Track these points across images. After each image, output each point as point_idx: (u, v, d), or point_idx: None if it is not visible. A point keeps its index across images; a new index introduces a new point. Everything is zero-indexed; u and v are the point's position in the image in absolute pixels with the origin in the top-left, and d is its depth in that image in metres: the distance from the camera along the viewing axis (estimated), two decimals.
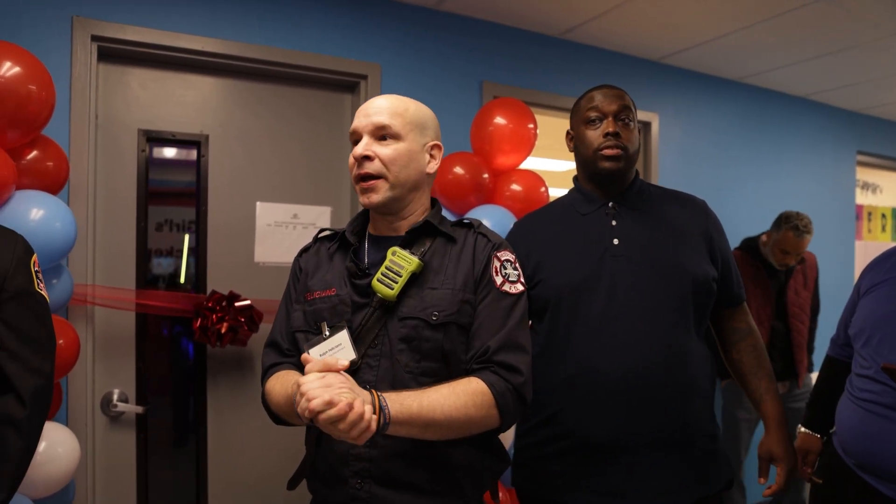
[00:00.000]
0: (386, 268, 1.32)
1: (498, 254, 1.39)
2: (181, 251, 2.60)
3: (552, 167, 4.80)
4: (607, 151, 1.71)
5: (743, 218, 3.83)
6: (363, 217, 1.51)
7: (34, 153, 2.00)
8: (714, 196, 3.53)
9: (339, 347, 1.31)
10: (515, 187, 2.57)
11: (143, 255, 2.51)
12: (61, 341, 1.97)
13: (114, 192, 2.47)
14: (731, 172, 3.86)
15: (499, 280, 1.36)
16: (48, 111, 1.94)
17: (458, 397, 1.24)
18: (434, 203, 1.46)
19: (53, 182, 2.05)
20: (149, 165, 2.54)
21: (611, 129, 1.70)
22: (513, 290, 1.36)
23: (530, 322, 1.78)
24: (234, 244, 2.65)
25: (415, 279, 1.34)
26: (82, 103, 2.31)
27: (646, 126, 3.53)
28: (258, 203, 2.68)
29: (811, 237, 3.22)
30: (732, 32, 3.17)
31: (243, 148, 2.69)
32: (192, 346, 2.60)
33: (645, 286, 1.66)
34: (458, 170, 2.52)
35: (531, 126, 2.59)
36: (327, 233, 1.54)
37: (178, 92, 2.60)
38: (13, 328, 1.33)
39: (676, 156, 3.65)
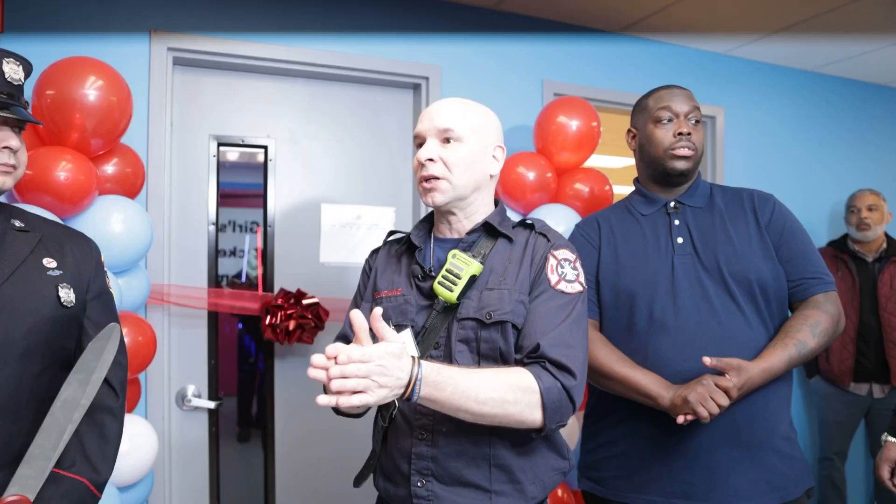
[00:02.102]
0: (447, 270, 1.34)
1: (555, 252, 1.38)
2: (249, 251, 2.67)
3: (613, 164, 4.73)
4: (680, 151, 1.72)
5: (817, 215, 3.68)
6: (429, 220, 1.52)
7: (114, 160, 2.09)
8: (785, 194, 3.40)
9: (402, 346, 1.32)
10: (580, 186, 2.55)
11: (215, 255, 2.59)
12: (140, 338, 2.05)
13: (187, 196, 2.56)
14: (804, 169, 3.71)
15: (554, 279, 1.35)
16: (127, 121, 2.03)
17: (499, 386, 1.22)
18: (497, 204, 1.46)
19: (132, 187, 2.14)
20: (219, 169, 2.61)
21: (684, 130, 1.71)
22: (569, 290, 1.34)
23: (599, 322, 1.78)
24: (301, 245, 2.70)
25: (475, 281, 1.34)
26: (159, 112, 2.41)
27: (710, 121, 3.45)
28: (323, 205, 2.73)
29: (881, 199, 3.19)
30: (801, 21, 3.05)
31: (308, 151, 2.74)
32: (258, 344, 2.67)
33: (713, 284, 1.65)
34: (522, 169, 2.51)
35: (594, 124, 2.56)
36: (397, 235, 1.56)
37: (247, 97, 2.67)
38: (100, 326, 1.42)
39: (743, 152, 3.54)
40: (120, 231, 1.98)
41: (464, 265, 1.33)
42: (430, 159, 1.38)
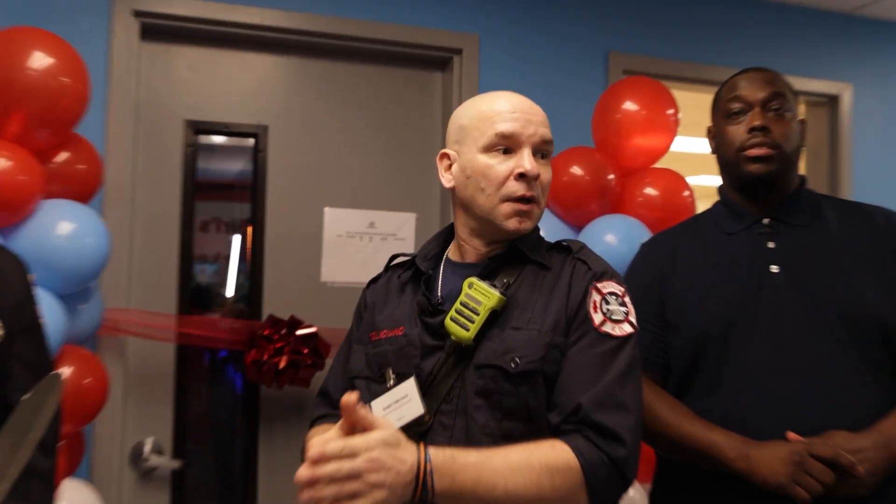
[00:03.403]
0: (461, 303, 1.34)
1: (599, 285, 1.36)
2: (230, 259, 2.70)
3: (700, 149, 4.67)
4: (753, 151, 1.69)
5: None
6: (443, 238, 1.52)
7: (64, 155, 2.10)
8: None
9: (405, 400, 1.33)
10: (650, 191, 2.52)
11: (187, 271, 2.61)
12: (88, 380, 2.05)
13: (155, 198, 2.58)
14: None
15: (598, 318, 1.33)
16: (82, 106, 2.04)
17: (532, 470, 1.21)
18: None
19: (85, 188, 2.16)
20: (196, 163, 2.63)
21: (757, 123, 1.68)
22: (617, 332, 1.33)
23: (662, 377, 1.76)
24: (297, 259, 2.70)
25: (497, 318, 1.34)
26: (121, 92, 2.43)
27: (833, 101, 3.36)
28: (327, 209, 2.72)
29: None
30: None
31: (310, 141, 2.74)
32: (242, 385, 2.66)
33: (815, 326, 1.62)
34: (576, 170, 2.49)
35: (671, 112, 2.52)
36: (401, 259, 1.56)
37: (233, 74, 2.67)
38: (30, 366, 1.43)
39: (878, 138, 3.43)
40: (67, 245, 1.99)
41: (482, 297, 1.33)
42: (538, 176, 1.40)
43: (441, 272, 1.46)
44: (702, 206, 2.53)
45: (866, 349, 1.61)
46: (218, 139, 2.72)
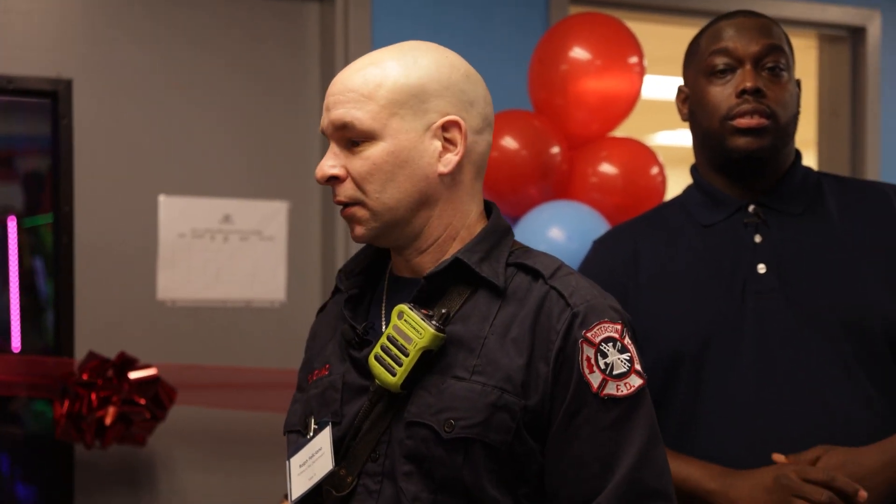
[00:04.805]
0: (389, 338, 1.33)
1: (589, 334, 1.34)
2: (18, 269, 2.65)
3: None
4: (743, 121, 1.72)
5: None
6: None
7: None
8: None
9: (319, 454, 1.36)
10: (607, 169, 2.54)
11: None
12: None
13: None
14: None
15: (596, 380, 1.31)
16: None
17: None
18: (489, 214, 1.46)
19: None
20: None
21: (749, 84, 1.71)
22: (623, 392, 1.32)
23: None
24: (122, 269, 2.67)
25: (434, 359, 1.34)
26: None
27: (855, 34, 3.42)
28: (162, 197, 2.71)
29: None
30: None
31: (134, 102, 2.70)
32: (48, 445, 2.61)
33: (811, 340, 1.69)
34: (509, 141, 2.49)
35: (633, 60, 2.54)
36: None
37: (18, 8, 2.60)
38: None
39: None
40: None
41: (412, 332, 1.32)
42: (333, 177, 1.37)
43: (385, 289, 1.46)
44: (675, 182, 2.57)
45: (874, 365, 1.68)
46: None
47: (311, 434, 1.39)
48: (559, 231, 2.39)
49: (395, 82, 1.38)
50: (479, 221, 1.45)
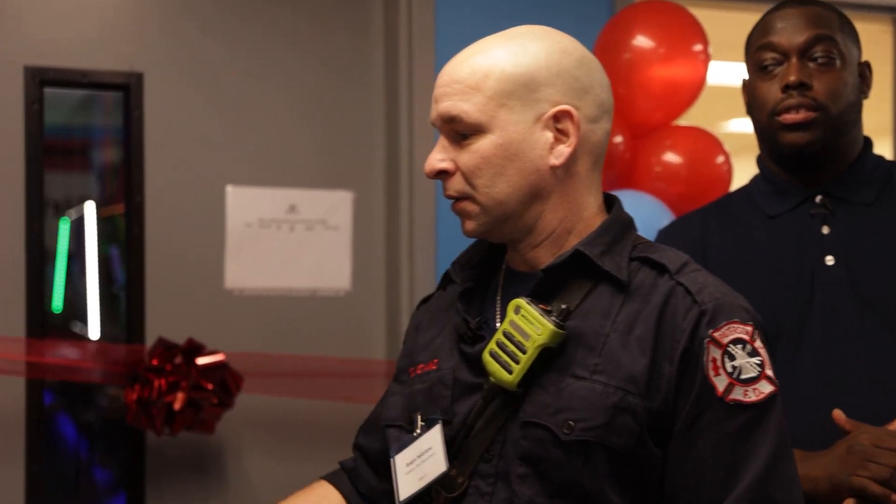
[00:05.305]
0: (505, 334, 1.31)
1: (716, 334, 1.31)
2: (95, 259, 2.71)
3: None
4: (788, 116, 1.70)
5: None
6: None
7: None
8: None
9: (429, 454, 1.34)
10: (671, 158, 2.53)
11: (38, 276, 2.58)
12: None
13: None
14: None
15: (721, 384, 1.26)
16: None
17: None
18: (610, 208, 1.41)
19: None
20: (42, 127, 2.60)
21: (793, 79, 1.69)
22: (752, 398, 1.27)
23: None
24: (191, 258, 2.70)
25: (552, 357, 1.31)
26: None
27: None
28: (230, 188, 2.73)
29: None
30: None
31: (202, 94, 2.73)
32: (121, 432, 2.65)
33: (880, 335, 1.68)
34: None
35: (698, 48, 2.53)
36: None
37: (91, 2, 2.64)
38: None
39: None
40: None
41: (531, 328, 1.29)
42: (442, 171, 1.36)
43: (500, 283, 1.43)
44: (742, 171, 2.56)
45: None
46: (73, 93, 2.71)
47: (419, 431, 1.37)
48: None
49: (503, 72, 1.35)
50: (598, 215, 1.39)
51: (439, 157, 1.35)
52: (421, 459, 1.35)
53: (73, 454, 2.73)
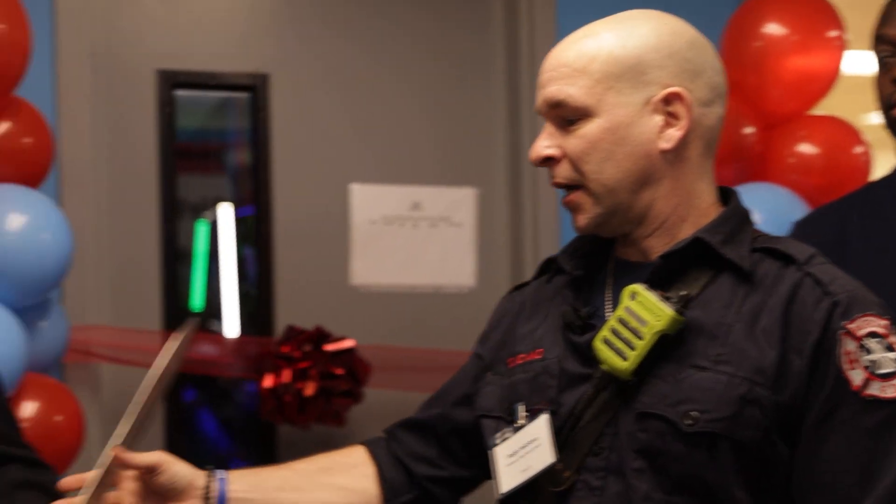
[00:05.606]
0: (619, 320, 1.28)
1: (851, 325, 1.27)
2: (226, 255, 2.75)
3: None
4: None
5: None
6: None
7: (2, 126, 2.12)
8: None
9: (533, 445, 1.31)
10: (806, 149, 2.48)
11: (172, 272, 2.64)
12: (59, 417, 2.12)
13: (125, 176, 2.61)
14: None
15: (857, 378, 1.22)
16: (23, 60, 2.07)
17: None
18: (728, 199, 1.40)
19: (32, 168, 2.19)
20: (174, 128, 2.66)
21: None
22: (890, 394, 1.23)
23: None
24: (317, 255, 2.73)
25: (670, 346, 1.29)
26: (73, 38, 2.45)
27: None
28: (354, 186, 2.75)
29: None
30: None
31: (326, 93, 2.76)
32: (253, 425, 2.70)
33: None
34: None
35: (834, 34, 2.47)
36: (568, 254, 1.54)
37: (220, 7, 2.69)
38: None
39: None
40: (19, 242, 2.03)
41: (648, 314, 1.26)
42: (549, 158, 1.35)
43: (610, 273, 1.41)
44: (885, 165, 2.49)
45: None
46: (206, 98, 2.76)
47: (522, 422, 1.34)
48: (755, 214, 2.30)
49: (610, 54, 1.32)
50: (713, 205, 1.36)
51: (545, 144, 1.33)
52: (525, 451, 1.32)
53: (210, 449, 2.77)
